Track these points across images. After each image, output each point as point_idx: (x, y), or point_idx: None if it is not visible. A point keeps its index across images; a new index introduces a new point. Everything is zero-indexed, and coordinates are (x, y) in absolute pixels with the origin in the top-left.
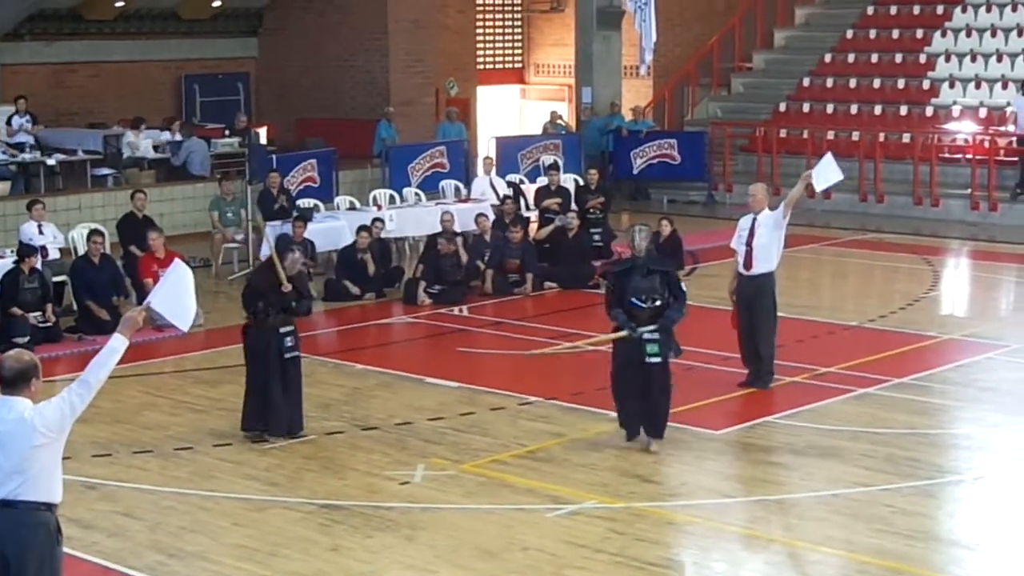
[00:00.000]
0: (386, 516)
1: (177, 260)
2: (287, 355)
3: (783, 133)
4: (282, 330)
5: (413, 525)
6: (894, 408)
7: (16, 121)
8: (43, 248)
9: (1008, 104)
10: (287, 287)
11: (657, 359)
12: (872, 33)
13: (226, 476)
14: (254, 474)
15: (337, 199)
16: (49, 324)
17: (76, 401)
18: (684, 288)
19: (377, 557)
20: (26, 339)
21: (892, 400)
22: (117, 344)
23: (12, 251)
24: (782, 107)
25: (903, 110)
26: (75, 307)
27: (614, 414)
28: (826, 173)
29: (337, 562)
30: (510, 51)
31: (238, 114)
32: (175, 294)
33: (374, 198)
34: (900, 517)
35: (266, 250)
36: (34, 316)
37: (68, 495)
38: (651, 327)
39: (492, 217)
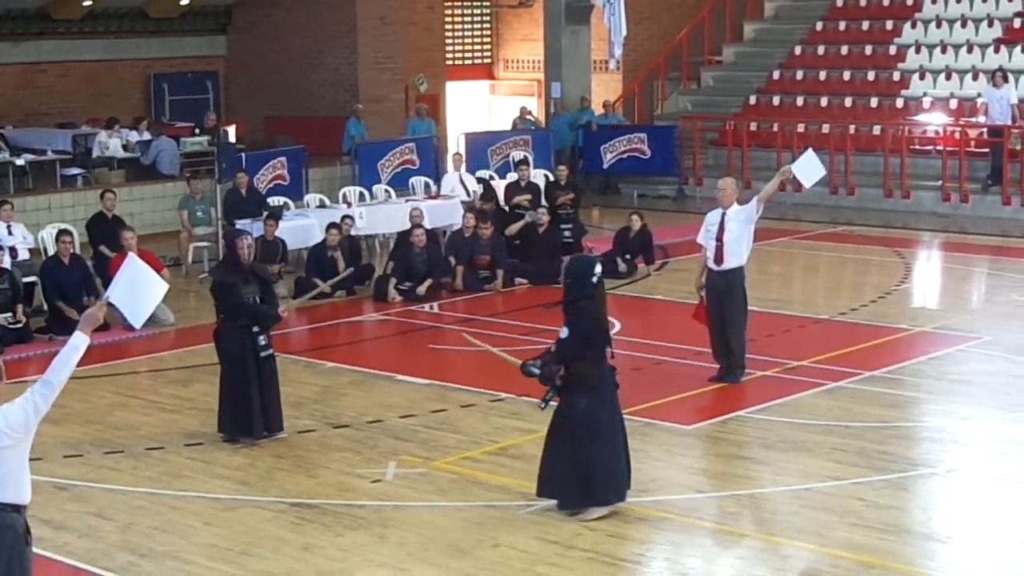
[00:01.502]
0: (358, 514)
1: (131, 254)
2: (262, 354)
3: (753, 126)
4: (255, 329)
5: (385, 523)
6: (866, 401)
7: None
8: (12, 249)
9: (979, 95)
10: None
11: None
12: (842, 25)
13: (197, 475)
14: (225, 473)
15: (307, 197)
16: (19, 325)
17: (39, 401)
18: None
19: (349, 555)
20: None
21: (864, 393)
22: (78, 342)
23: None
24: (752, 100)
25: (873, 102)
26: (45, 308)
27: None
28: (809, 169)
29: (309, 561)
30: (479, 47)
31: (207, 113)
32: (132, 289)
33: (344, 195)
34: (872, 511)
35: None
36: (4, 317)
37: (38, 496)
38: (536, 361)
39: (462, 213)
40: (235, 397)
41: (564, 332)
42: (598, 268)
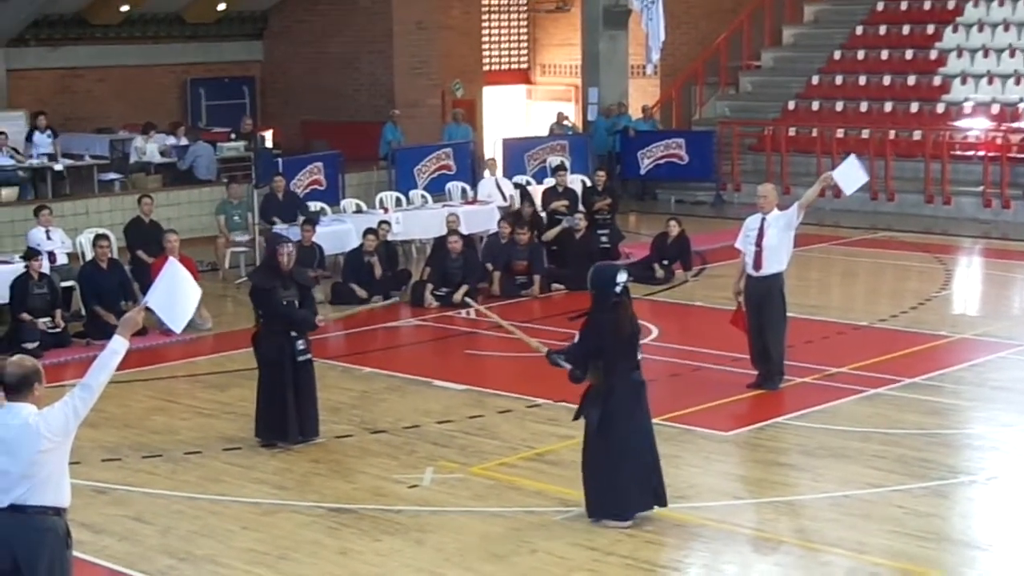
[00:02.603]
0: (395, 519)
1: (171, 259)
2: (300, 359)
3: (792, 132)
4: (293, 334)
5: (422, 528)
6: (905, 408)
7: (37, 138)
8: (51, 253)
9: (1021, 100)
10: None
11: None
12: (882, 29)
13: (235, 480)
14: (263, 478)
15: (343, 202)
16: (58, 329)
17: (79, 405)
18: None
19: (386, 560)
20: (35, 344)
21: (903, 400)
22: (117, 346)
23: (20, 256)
24: (791, 105)
25: (914, 107)
26: (83, 312)
27: None
28: (850, 176)
29: (346, 565)
30: (516, 52)
31: (243, 118)
32: (171, 293)
33: (380, 201)
34: (912, 518)
35: None
36: (43, 321)
37: (78, 499)
38: (562, 354)
39: (498, 219)
40: (271, 401)
41: (576, 340)
42: (621, 277)
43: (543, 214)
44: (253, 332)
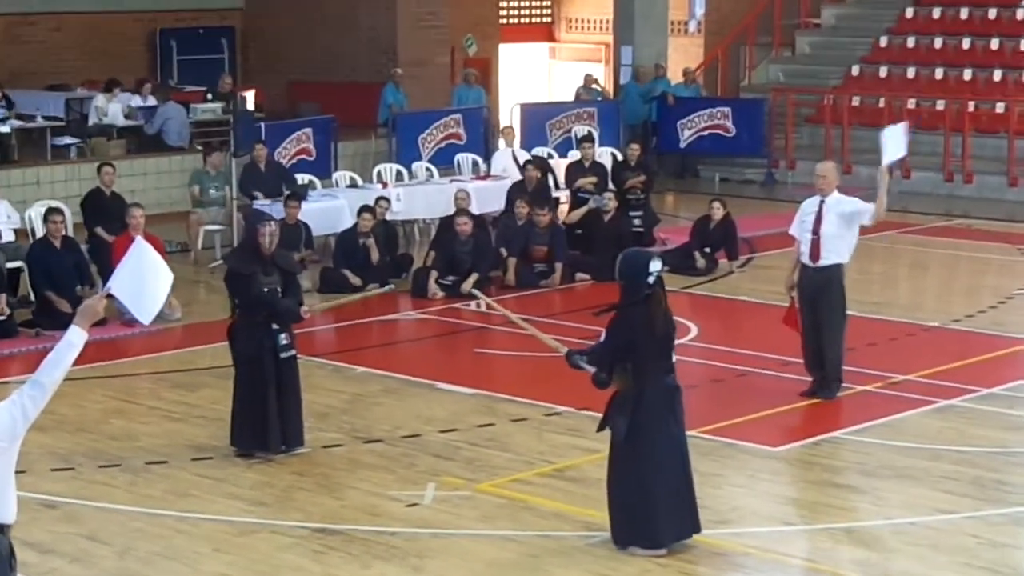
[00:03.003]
0: (389, 542)
1: (138, 238)
2: (282, 355)
3: (855, 101)
4: (275, 326)
5: (421, 553)
6: (982, 423)
7: None
8: None
9: None
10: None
11: None
12: None
13: (206, 495)
14: (238, 492)
15: (336, 175)
16: (2, 317)
17: (28, 405)
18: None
19: None
20: None
21: (979, 413)
22: (74, 338)
23: None
24: (855, 71)
25: (996, 75)
26: (32, 298)
27: None
28: (894, 144)
29: None
30: (537, 4)
31: (222, 75)
32: (138, 278)
33: (379, 174)
34: (987, 549)
35: None
36: None
37: (23, 514)
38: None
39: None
40: (249, 404)
41: (602, 338)
42: (655, 265)
43: (564, 192)
44: (229, 324)
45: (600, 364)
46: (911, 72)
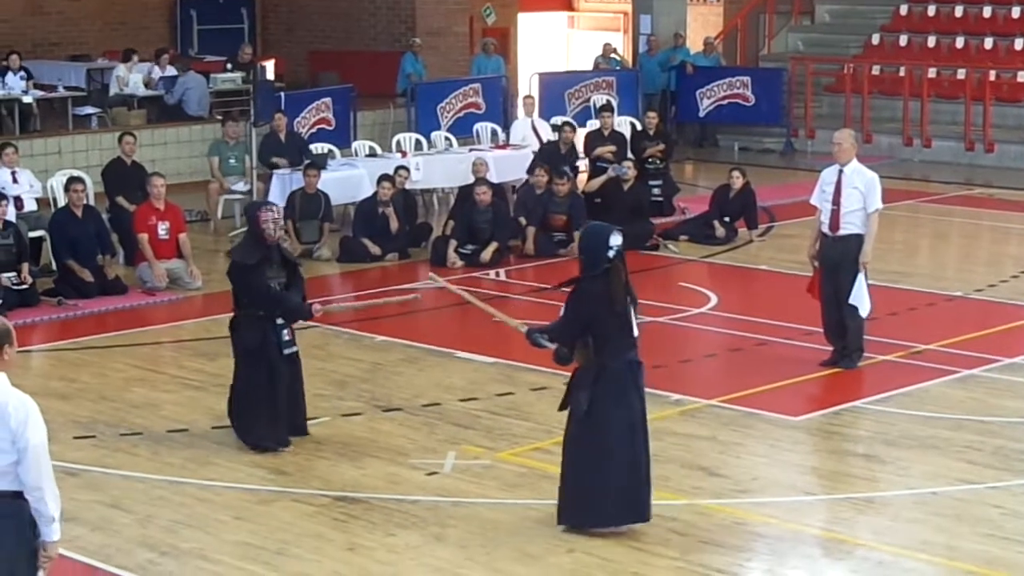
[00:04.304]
0: (410, 511)
1: None
2: (286, 350)
3: (876, 70)
4: (279, 321)
5: (442, 522)
6: (1005, 393)
7: (10, 79)
8: (17, 199)
9: None
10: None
11: None
12: None
13: (227, 463)
14: (259, 461)
15: (355, 144)
16: (24, 286)
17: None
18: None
19: (400, 558)
20: None
21: (1002, 383)
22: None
23: None
24: (875, 39)
25: (1018, 44)
26: (54, 266)
27: (676, 396)
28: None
29: (354, 563)
30: None
31: (242, 45)
32: None
33: (398, 143)
34: (1011, 520)
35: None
36: (7, 277)
37: None
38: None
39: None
40: (256, 400)
41: (561, 313)
42: (615, 239)
43: (583, 162)
44: (231, 317)
45: (560, 339)
46: (931, 41)
